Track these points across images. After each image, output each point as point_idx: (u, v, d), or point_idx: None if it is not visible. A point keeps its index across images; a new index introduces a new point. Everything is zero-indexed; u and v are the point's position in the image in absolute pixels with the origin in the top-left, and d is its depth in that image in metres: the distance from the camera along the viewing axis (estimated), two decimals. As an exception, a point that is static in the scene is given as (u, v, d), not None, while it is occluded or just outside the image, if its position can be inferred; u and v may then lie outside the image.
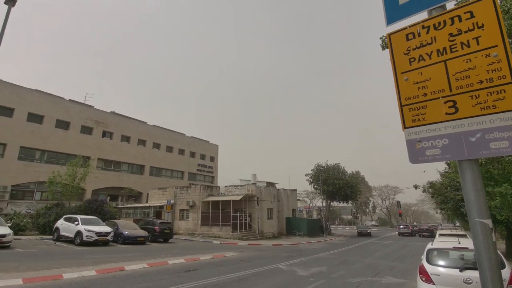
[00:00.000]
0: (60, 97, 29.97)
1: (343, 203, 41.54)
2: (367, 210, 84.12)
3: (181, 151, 42.61)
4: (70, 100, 30.85)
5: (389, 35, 2.14)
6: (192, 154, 44.38)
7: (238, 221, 23.51)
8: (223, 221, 23.84)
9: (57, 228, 16.39)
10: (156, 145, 38.94)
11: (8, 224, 14.60)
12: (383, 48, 6.53)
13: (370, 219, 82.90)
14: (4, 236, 12.59)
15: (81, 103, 32.43)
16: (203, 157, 46.22)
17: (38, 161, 27.20)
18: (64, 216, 17.02)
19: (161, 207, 26.90)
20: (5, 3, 9.62)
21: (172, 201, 26.36)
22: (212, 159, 48.26)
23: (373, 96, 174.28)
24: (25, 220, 19.16)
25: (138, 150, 36.18)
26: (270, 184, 32.96)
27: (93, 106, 33.12)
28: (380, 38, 6.42)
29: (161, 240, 19.93)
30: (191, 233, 24.98)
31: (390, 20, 2.14)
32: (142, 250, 14.80)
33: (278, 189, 32.02)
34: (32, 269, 8.68)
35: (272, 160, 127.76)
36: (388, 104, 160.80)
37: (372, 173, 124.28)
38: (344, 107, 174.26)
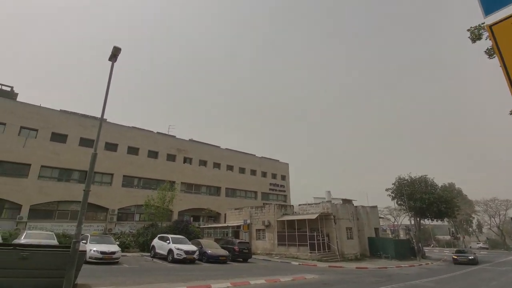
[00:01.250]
0: (150, 130, 34.97)
1: (436, 221, 35.91)
2: (470, 229, 70.62)
3: (253, 172, 44.05)
4: (158, 133, 35.67)
5: (490, 26, 1.88)
6: (264, 174, 45.40)
7: (315, 241, 22.56)
8: (300, 241, 23.21)
9: (153, 246, 18.51)
10: (230, 167, 41.24)
11: (116, 243, 17.19)
12: (473, 40, 5.67)
13: (477, 240, 69.06)
14: (114, 253, 14.83)
15: (166, 134, 37.07)
16: (274, 176, 46.78)
17: (136, 187, 31.72)
18: (158, 235, 19.20)
19: (238, 227, 27.88)
20: (109, 59, 11.69)
21: (248, 221, 27.09)
22: (283, 177, 48.37)
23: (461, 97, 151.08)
24: (128, 239, 22.26)
25: (214, 173, 38.88)
26: (346, 201, 30.96)
27: (175, 136, 37.50)
28: (468, 30, 5.60)
29: (241, 259, 20.48)
30: (268, 253, 25.01)
31: (488, 10, 1.89)
32: (225, 269, 15.43)
33: (356, 206, 29.80)
34: (136, 283, 9.91)
35: (345, 176, 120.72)
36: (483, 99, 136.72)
37: (471, 185, 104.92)
38: (427, 113, 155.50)
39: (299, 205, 27.73)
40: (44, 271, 7.74)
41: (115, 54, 10.70)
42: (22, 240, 13.38)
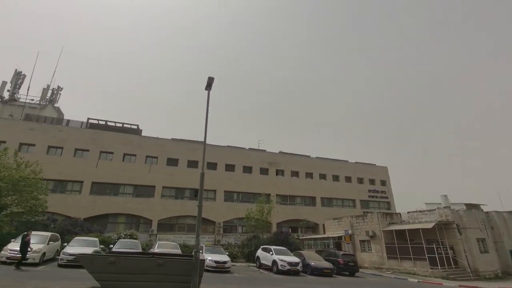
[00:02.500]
0: (242, 147, 37.68)
1: None
2: None
3: (348, 179, 41.60)
4: (250, 149, 38.07)
5: None
6: (360, 180, 42.28)
7: (436, 255, 19.25)
8: (416, 254, 20.25)
9: (258, 257, 19.41)
10: (322, 176, 40.09)
11: (226, 253, 18.77)
12: None
13: None
14: (226, 262, 16.21)
15: (257, 149, 39.13)
16: (372, 182, 42.97)
17: (236, 201, 34.28)
18: (261, 247, 20.06)
19: (340, 238, 26.48)
20: (205, 89, 13.13)
21: (350, 232, 25.44)
22: (383, 183, 43.84)
23: None
24: (235, 249, 24.03)
25: (307, 183, 38.47)
26: (472, 206, 25.50)
27: (265, 150, 39.18)
28: None
29: (347, 273, 19.27)
30: (377, 267, 22.71)
31: None
32: (331, 283, 14.76)
33: (487, 213, 24.20)
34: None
35: (463, 175, 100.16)
36: None
37: None
38: None
39: (408, 212, 24.42)
40: (175, 277, 9.04)
41: (209, 84, 12.02)
42: (156, 249, 16.12)
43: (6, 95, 35.76)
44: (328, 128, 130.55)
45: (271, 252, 18.06)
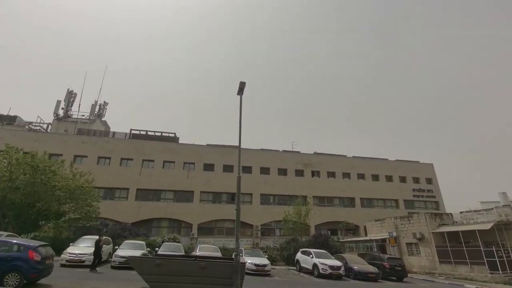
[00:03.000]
0: (276, 150, 37.59)
1: None
2: None
3: (388, 178, 39.42)
4: (283, 151, 37.87)
5: None
6: (402, 179, 39.82)
7: (496, 258, 17.36)
8: (472, 258, 18.46)
9: (298, 260, 19.10)
10: (361, 176, 38.47)
11: (265, 256, 18.76)
12: None
13: None
14: (265, 266, 16.19)
15: (291, 151, 38.79)
16: (416, 180, 40.23)
17: (272, 203, 34.20)
18: (301, 250, 19.73)
19: (383, 240, 25.10)
20: (237, 94, 13.28)
21: (395, 234, 24.00)
22: (429, 181, 40.80)
23: None
24: (274, 253, 23.94)
25: (345, 183, 37.18)
26: (538, 204, 22.64)
27: (299, 152, 38.68)
28: None
29: (394, 278, 18.17)
30: (428, 272, 21.08)
31: None
32: (378, 288, 14.01)
33: (558, 210, 21.27)
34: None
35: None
36: None
37: None
38: None
39: (461, 212, 22.42)
40: (218, 279, 9.24)
41: (241, 88, 12.19)
42: (198, 252, 16.64)
43: (61, 112, 39.70)
44: (363, 126, 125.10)
45: (311, 255, 17.68)
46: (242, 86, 11.83)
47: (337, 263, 16.74)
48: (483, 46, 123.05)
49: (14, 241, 9.14)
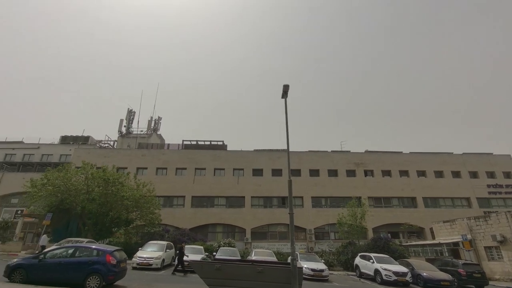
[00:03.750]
0: (324, 151, 36.45)
1: None
2: None
3: (455, 173, 35.33)
4: (332, 151, 36.56)
5: None
6: (473, 174, 35.33)
7: None
8: None
9: (357, 266, 18.07)
10: (421, 173, 35.18)
11: (322, 261, 18.16)
12: None
13: None
14: (323, 271, 15.66)
15: (340, 151, 37.28)
16: (491, 175, 35.35)
17: (324, 206, 33.13)
18: (359, 254, 18.65)
19: (455, 244, 22.42)
20: (282, 97, 13.24)
21: (469, 236, 21.28)
22: (508, 174, 35.51)
23: None
24: (331, 257, 23.06)
25: (402, 182, 34.36)
26: None
27: (349, 151, 36.96)
28: None
29: (472, 286, 16.09)
30: (516, 280, 18.20)
31: None
32: (453, 298, 12.51)
33: None
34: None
35: None
36: None
37: None
38: None
39: (554, 210, 18.98)
40: (275, 284, 9.19)
41: (285, 91, 12.12)
42: (253, 257, 16.84)
43: (123, 129, 44.26)
44: (419, 119, 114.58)
45: (371, 260, 16.61)
46: (286, 89, 11.80)
47: (402, 269, 15.42)
48: None
49: (93, 247, 10.32)
